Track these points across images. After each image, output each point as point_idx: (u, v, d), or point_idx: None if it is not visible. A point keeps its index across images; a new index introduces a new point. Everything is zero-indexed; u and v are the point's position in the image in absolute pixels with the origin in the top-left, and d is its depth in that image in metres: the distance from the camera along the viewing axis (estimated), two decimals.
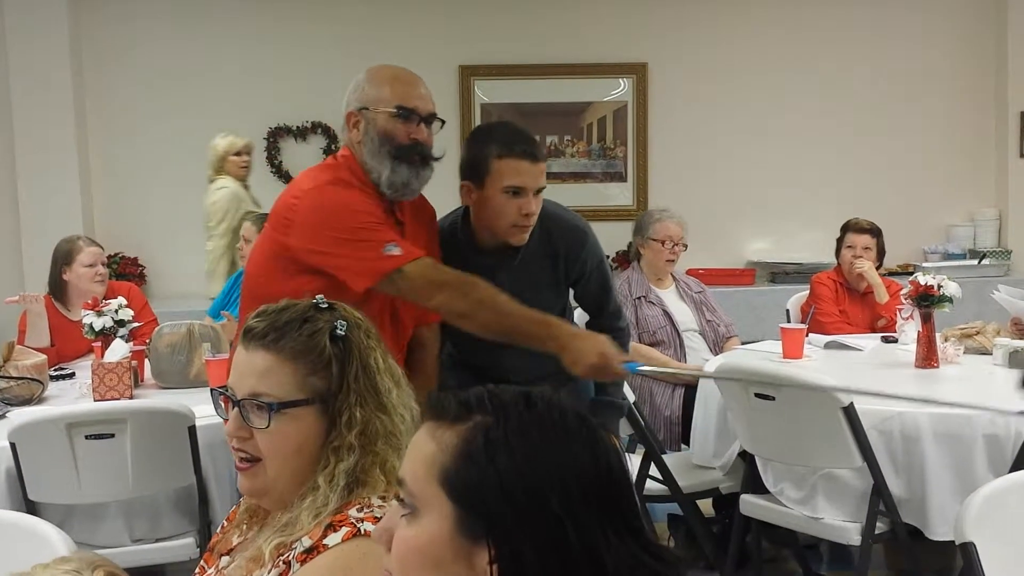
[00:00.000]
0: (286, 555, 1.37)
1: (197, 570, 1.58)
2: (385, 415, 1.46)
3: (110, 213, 6.15)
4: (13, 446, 2.83)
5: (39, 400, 3.39)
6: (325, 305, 1.51)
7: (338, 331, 1.46)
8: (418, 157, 2.42)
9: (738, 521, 3.37)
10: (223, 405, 1.48)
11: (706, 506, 3.92)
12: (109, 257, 4.58)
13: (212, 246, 5.58)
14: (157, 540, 3.02)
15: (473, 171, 2.54)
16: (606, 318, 2.80)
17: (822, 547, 3.93)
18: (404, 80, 2.46)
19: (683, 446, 3.95)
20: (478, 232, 2.63)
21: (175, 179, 6.07)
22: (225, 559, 1.50)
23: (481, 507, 0.97)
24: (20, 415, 3.01)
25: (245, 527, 1.54)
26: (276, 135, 6.14)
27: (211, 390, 1.53)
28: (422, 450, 1.02)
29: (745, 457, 3.34)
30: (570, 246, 2.66)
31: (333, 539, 1.35)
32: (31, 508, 2.87)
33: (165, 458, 2.93)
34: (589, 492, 0.98)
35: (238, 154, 5.59)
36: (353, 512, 1.38)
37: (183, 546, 3.01)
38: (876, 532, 2.96)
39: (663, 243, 4.28)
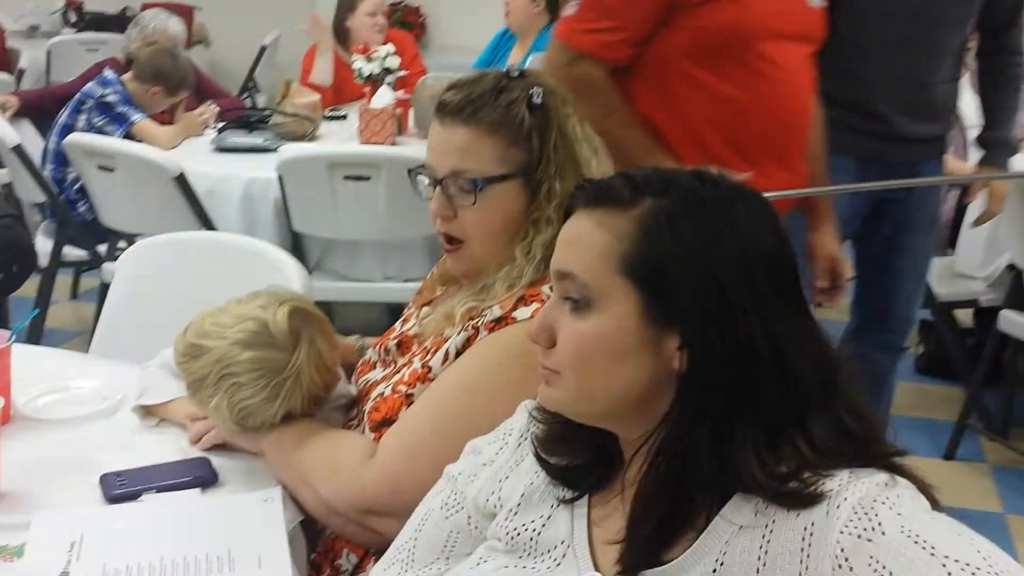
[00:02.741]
0: (476, 321, 1.38)
1: (405, 309, 1.66)
2: None
3: None
4: (281, 179, 3.05)
5: (311, 138, 3.60)
6: (516, 74, 1.44)
7: (535, 99, 1.40)
8: None
9: (995, 336, 3.16)
10: (422, 185, 1.46)
11: (965, 317, 3.70)
12: (393, 6, 4.66)
13: None
14: (406, 280, 3.19)
15: None
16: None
17: None
18: None
19: (949, 250, 3.69)
20: None
21: None
22: (426, 309, 1.56)
23: (669, 289, 0.92)
24: (288, 150, 3.23)
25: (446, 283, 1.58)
26: None
27: (408, 171, 1.51)
28: (593, 240, 0.96)
29: (1013, 270, 3.09)
30: None
31: (522, 313, 1.34)
32: (295, 238, 3.12)
33: (415, 205, 3.04)
34: (771, 272, 0.93)
35: None
36: (546, 289, 1.36)
37: None
38: None
39: None
